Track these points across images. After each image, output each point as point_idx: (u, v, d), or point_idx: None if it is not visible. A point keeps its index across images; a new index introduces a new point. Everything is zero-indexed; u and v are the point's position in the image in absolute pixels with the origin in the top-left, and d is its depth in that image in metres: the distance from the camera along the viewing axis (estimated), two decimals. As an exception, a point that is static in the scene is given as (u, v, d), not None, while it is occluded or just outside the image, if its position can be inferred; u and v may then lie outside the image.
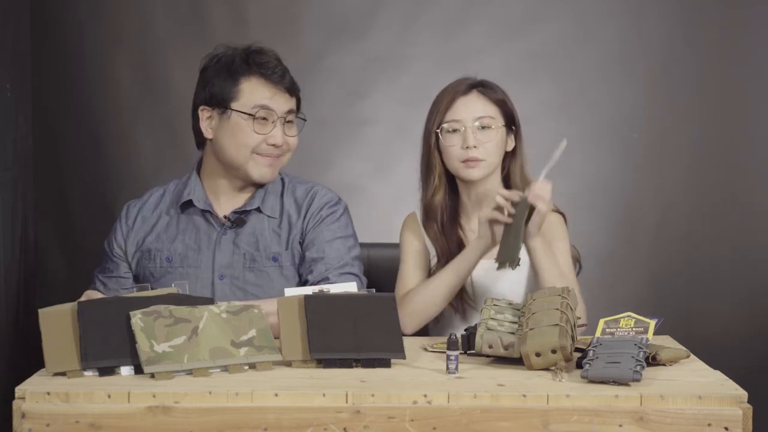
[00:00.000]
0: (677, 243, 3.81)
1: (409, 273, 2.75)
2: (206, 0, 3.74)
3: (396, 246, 3.12)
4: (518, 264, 2.54)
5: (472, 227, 2.73)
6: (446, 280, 2.64)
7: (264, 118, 2.68)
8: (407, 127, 3.79)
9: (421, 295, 2.65)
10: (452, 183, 2.78)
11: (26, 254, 3.19)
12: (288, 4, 3.77)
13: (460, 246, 2.71)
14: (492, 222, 2.57)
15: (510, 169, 2.76)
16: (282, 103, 2.71)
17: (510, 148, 2.76)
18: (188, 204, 2.75)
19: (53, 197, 3.68)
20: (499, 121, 2.71)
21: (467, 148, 2.69)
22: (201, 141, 2.77)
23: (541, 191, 2.53)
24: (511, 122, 2.74)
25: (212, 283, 2.69)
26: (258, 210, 2.73)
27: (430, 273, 2.75)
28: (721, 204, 3.80)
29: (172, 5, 3.73)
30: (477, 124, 2.70)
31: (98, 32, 3.70)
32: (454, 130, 2.72)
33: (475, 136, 2.69)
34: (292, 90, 2.74)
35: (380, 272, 2.96)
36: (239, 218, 2.72)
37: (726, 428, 2.04)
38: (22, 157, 3.19)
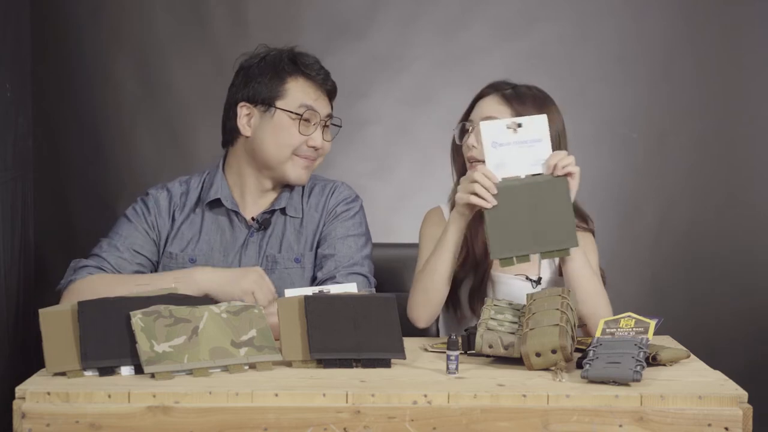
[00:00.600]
0: (677, 243, 3.81)
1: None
2: (206, 0, 3.74)
3: (396, 246, 3.12)
4: (540, 278, 2.48)
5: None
6: (436, 264, 2.53)
7: (307, 120, 2.68)
8: (407, 127, 3.80)
9: (419, 285, 2.58)
10: None
11: (26, 254, 3.19)
12: (288, 4, 3.77)
13: (485, 245, 2.67)
14: (469, 206, 2.47)
15: None
16: (324, 106, 2.72)
17: None
18: (214, 203, 2.73)
19: (53, 197, 3.68)
20: None
21: (468, 147, 2.67)
22: (230, 139, 2.74)
23: (563, 161, 2.41)
24: None
25: None
26: (282, 211, 2.72)
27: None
28: (721, 204, 3.80)
29: (172, 5, 3.73)
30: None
31: (98, 32, 3.70)
32: (467, 130, 2.69)
33: (477, 137, 2.64)
34: (333, 94, 2.76)
35: (380, 272, 2.95)
36: (267, 220, 2.71)
37: (726, 428, 2.04)
38: (22, 157, 3.20)
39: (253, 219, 2.72)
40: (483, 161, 2.61)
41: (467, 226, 2.61)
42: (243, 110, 2.70)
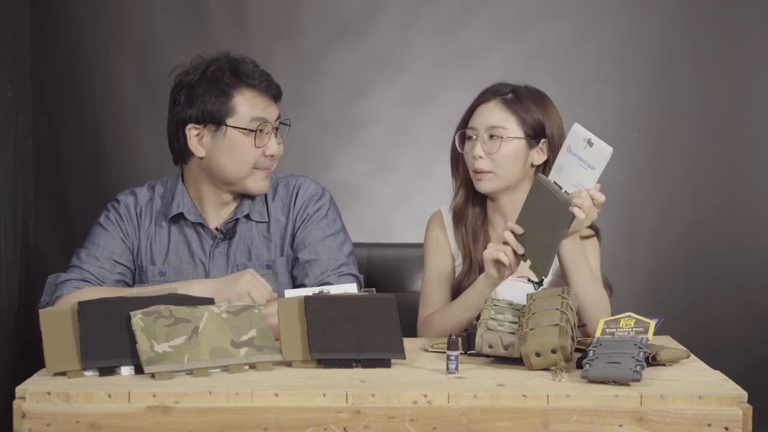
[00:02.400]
0: (677, 243, 3.81)
1: (433, 294, 2.69)
2: (206, 0, 3.74)
3: (396, 246, 3.12)
4: (542, 279, 2.51)
5: (497, 237, 2.70)
6: (460, 315, 2.57)
7: (261, 131, 2.62)
8: (407, 127, 3.80)
9: (438, 327, 2.61)
10: None
11: (26, 254, 3.19)
12: (288, 4, 3.77)
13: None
14: (497, 262, 2.48)
15: None
16: (273, 111, 2.66)
17: (538, 162, 2.66)
18: (178, 216, 2.69)
19: (53, 197, 3.68)
20: (513, 132, 2.62)
21: (474, 157, 2.64)
22: (181, 157, 2.69)
23: (578, 199, 2.40)
24: (538, 135, 2.65)
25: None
26: (246, 217, 2.69)
27: (454, 278, 2.71)
28: (721, 204, 3.80)
29: (172, 5, 3.73)
30: (487, 133, 2.64)
31: (98, 32, 3.70)
32: (469, 138, 2.67)
33: (484, 147, 2.63)
34: (279, 97, 2.69)
35: (380, 272, 2.95)
36: (231, 229, 2.67)
37: (726, 428, 2.05)
38: (22, 157, 3.19)
39: (217, 229, 2.69)
40: (490, 172, 2.62)
41: (467, 232, 2.65)
42: (192, 131, 2.64)
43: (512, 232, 2.46)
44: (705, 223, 3.81)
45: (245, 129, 2.62)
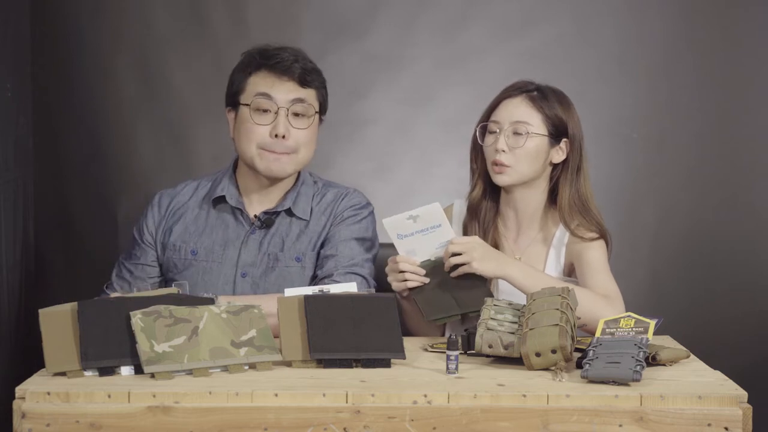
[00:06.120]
0: (677, 243, 3.81)
1: None
2: (206, 0, 3.74)
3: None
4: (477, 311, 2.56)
5: (507, 233, 2.74)
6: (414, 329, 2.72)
7: (265, 110, 2.65)
8: (407, 127, 3.80)
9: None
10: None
11: (26, 254, 3.19)
12: (288, 4, 3.77)
13: (496, 248, 2.68)
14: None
15: (559, 184, 2.71)
16: (284, 91, 2.66)
17: (557, 160, 2.71)
18: (220, 200, 2.74)
19: (53, 197, 3.68)
20: (537, 129, 2.66)
21: (496, 151, 2.66)
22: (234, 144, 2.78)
23: (454, 259, 2.54)
24: (560, 134, 2.69)
25: (234, 280, 2.68)
26: (288, 211, 2.72)
27: None
28: (721, 204, 3.80)
29: (172, 5, 3.73)
30: (512, 128, 2.66)
31: (98, 32, 3.70)
32: (492, 131, 2.70)
33: (507, 141, 2.66)
34: (303, 80, 2.68)
35: (381, 272, 2.94)
36: (269, 219, 2.71)
37: (726, 428, 2.05)
38: (22, 157, 3.19)
39: (256, 217, 2.73)
40: (509, 166, 2.65)
41: (479, 227, 2.73)
42: (230, 115, 2.73)
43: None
44: (705, 223, 3.80)
45: (248, 105, 2.66)
